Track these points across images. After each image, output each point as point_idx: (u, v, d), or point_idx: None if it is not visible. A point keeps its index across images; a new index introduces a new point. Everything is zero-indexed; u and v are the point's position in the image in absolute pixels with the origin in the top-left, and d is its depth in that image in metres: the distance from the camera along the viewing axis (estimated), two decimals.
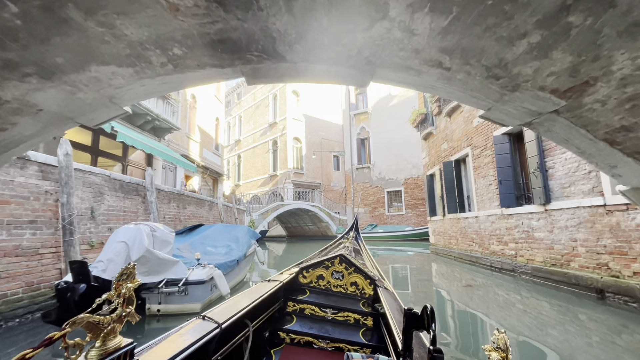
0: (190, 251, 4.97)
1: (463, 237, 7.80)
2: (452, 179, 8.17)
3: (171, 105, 11.78)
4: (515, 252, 5.66)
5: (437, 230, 9.83)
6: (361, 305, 2.31)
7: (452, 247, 8.54)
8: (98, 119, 2.42)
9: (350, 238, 4.43)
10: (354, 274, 2.49)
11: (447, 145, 8.74)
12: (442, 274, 7.32)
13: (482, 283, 5.77)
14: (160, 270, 3.58)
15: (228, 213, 12.71)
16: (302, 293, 2.42)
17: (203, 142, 16.56)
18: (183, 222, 8.26)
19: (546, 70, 1.94)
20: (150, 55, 1.89)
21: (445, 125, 8.86)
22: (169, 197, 7.60)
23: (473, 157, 7.21)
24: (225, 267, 4.38)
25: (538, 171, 4.86)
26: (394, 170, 20.21)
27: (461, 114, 7.81)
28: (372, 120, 21.40)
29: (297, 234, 24.35)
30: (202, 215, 9.70)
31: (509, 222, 5.82)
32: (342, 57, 2.10)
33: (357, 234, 4.92)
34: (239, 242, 5.66)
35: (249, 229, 6.46)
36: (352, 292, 2.47)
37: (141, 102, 9.81)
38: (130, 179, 6.08)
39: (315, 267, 2.54)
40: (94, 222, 5.01)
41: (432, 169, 9.99)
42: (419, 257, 10.78)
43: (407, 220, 19.26)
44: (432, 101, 8.83)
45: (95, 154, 9.45)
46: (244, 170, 29.52)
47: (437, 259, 9.33)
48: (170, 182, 13.60)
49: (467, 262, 7.54)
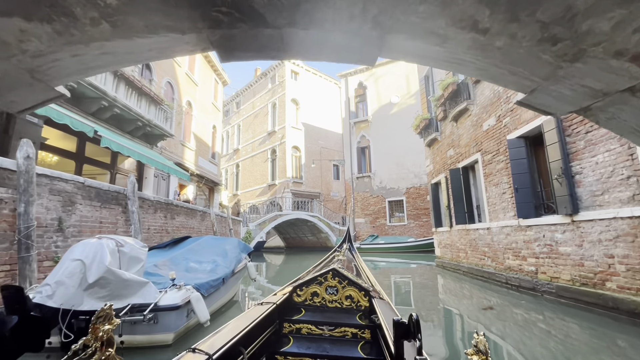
0: (170, 268, 4.37)
1: (473, 250, 7.20)
2: (460, 188, 7.62)
3: (164, 111, 11.33)
4: (536, 269, 5.07)
5: (443, 242, 9.22)
6: (358, 319, 2.27)
7: (460, 261, 7.92)
8: (21, 102, 1.86)
9: (344, 250, 4.43)
10: (348, 287, 2.44)
11: (454, 151, 8.23)
12: (449, 290, 6.69)
13: (497, 302, 5.16)
14: (125, 294, 2.99)
15: (222, 224, 12.10)
16: (297, 312, 2.36)
17: (199, 150, 16.08)
18: (171, 234, 7.67)
19: (635, 23, 1.35)
20: (72, 3, 1.34)
21: (451, 130, 8.37)
22: (155, 206, 7.03)
23: (483, 163, 6.68)
24: (207, 288, 3.79)
25: (563, 177, 4.32)
26: (395, 179, 19.67)
27: (469, 117, 7.31)
28: (373, 129, 21.00)
29: (295, 245, 23.65)
30: (193, 226, 9.10)
31: (528, 235, 5.24)
32: (341, 18, 1.54)
33: (351, 245, 4.95)
34: (227, 256, 5.07)
35: (239, 242, 5.87)
36: (347, 305, 2.42)
37: (130, 107, 9.35)
38: (110, 187, 5.53)
39: (308, 284, 2.48)
40: (61, 234, 4.44)
41: (437, 177, 9.45)
42: (423, 270, 10.14)
43: (410, 231, 18.62)
44: (437, 105, 8.35)
45: (81, 161, 8.93)
46: (242, 179, 29.01)
47: (443, 273, 8.70)
48: (163, 192, 13.04)
49: (479, 277, 6.92)
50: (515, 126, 5.52)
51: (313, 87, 27.93)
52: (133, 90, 9.61)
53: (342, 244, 5.05)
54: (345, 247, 4.84)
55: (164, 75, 12.93)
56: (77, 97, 8.24)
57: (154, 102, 10.60)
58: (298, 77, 26.89)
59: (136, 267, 3.32)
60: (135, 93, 9.69)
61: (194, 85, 15.80)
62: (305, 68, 27.40)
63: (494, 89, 6.22)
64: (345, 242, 5.08)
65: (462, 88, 7.20)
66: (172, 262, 4.53)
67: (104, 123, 9.29)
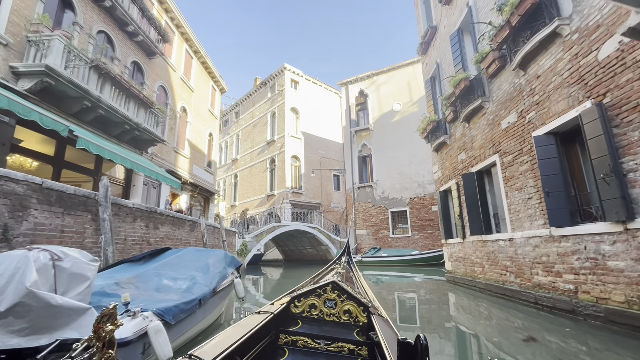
0: (136, 286, 3.59)
1: (492, 264, 6.39)
2: (474, 194, 6.87)
3: (155, 115, 10.69)
4: (576, 287, 4.27)
5: (455, 255, 8.40)
6: (355, 335, 2.22)
7: (476, 276, 7.09)
8: None
9: (343, 263, 4.35)
10: (347, 302, 2.38)
11: (466, 155, 7.52)
12: (463, 308, 5.86)
13: (522, 325, 4.34)
14: (54, 325, 2.21)
15: (216, 235, 11.29)
16: (294, 324, 2.32)
17: (193, 158, 15.41)
18: (154, 245, 6.88)
19: None
20: None
21: (462, 132, 7.68)
22: (135, 214, 6.27)
23: (502, 166, 5.95)
24: (175, 313, 3.00)
25: (611, 176, 3.58)
26: (398, 189, 18.92)
27: (483, 116, 6.63)
28: (374, 137, 20.39)
29: (294, 257, 22.71)
30: (181, 237, 8.31)
31: (563, 246, 4.46)
32: None
33: (350, 258, 4.90)
34: (208, 272, 4.28)
35: (226, 254, 5.08)
36: (345, 320, 2.36)
37: (117, 109, 8.71)
38: (76, 190, 4.79)
39: (307, 295, 2.43)
40: (6, 245, 3.67)
41: (447, 184, 8.71)
42: (432, 286, 9.26)
43: (414, 243, 17.73)
44: (447, 105, 7.69)
45: (59, 166, 8.21)
46: (240, 190, 28.28)
47: (455, 289, 7.85)
48: (153, 200, 12.28)
49: (499, 295, 6.09)
50: (542, 121, 4.83)
51: (313, 96, 27.54)
52: (120, 92, 8.99)
53: (341, 256, 4.96)
54: (344, 259, 4.75)
55: (157, 79, 12.39)
56: (57, 96, 7.60)
57: (143, 104, 9.98)
58: (298, 86, 26.53)
59: (79, 288, 2.55)
60: (122, 94, 9.07)
61: (189, 91, 15.27)
62: (305, 77, 27.08)
63: (514, 82, 5.55)
64: (344, 255, 4.99)
65: (476, 84, 6.55)
66: (140, 279, 3.74)
67: (87, 125, 8.63)
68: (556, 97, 4.53)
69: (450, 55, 8.03)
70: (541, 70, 4.85)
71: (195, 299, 3.46)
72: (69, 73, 7.28)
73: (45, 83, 6.96)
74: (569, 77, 4.30)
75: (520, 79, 5.36)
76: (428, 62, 10.20)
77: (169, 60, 13.41)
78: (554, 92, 4.58)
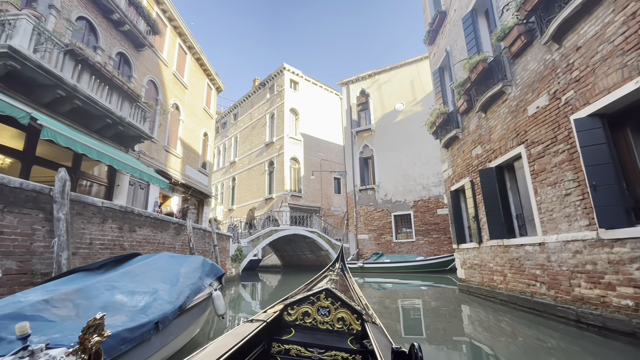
0: (76, 304, 2.75)
1: (516, 273, 5.53)
2: (494, 193, 6.03)
3: (142, 110, 9.91)
4: (636, 304, 3.41)
5: (469, 262, 7.53)
6: (349, 343, 2.15)
7: (496, 286, 6.22)
8: None
9: (336, 270, 4.31)
10: (340, 309, 2.32)
11: (482, 149, 6.69)
12: (478, 320, 4.99)
13: (558, 346, 3.48)
14: None
15: (206, 239, 10.43)
16: (287, 332, 2.27)
17: (186, 158, 14.62)
18: (129, 250, 6.05)
19: None
20: None
21: (477, 123, 6.86)
22: (105, 214, 5.45)
23: (530, 158, 5.12)
24: (112, 347, 2.15)
25: None
26: (402, 191, 18.07)
27: (504, 103, 5.82)
28: (376, 138, 19.60)
29: (293, 263, 21.79)
30: (164, 241, 7.47)
31: (617, 252, 3.62)
32: None
33: (343, 264, 4.86)
34: (177, 284, 3.44)
35: (204, 262, 4.24)
36: (339, 328, 2.29)
37: (96, 100, 7.93)
38: (22, 183, 3.97)
39: (300, 303, 2.38)
40: None
41: (459, 183, 7.87)
42: (441, 295, 8.38)
43: (419, 249, 16.83)
44: (460, 93, 6.87)
45: (29, 162, 7.40)
46: (238, 193, 27.45)
47: (470, 300, 6.97)
48: (141, 202, 11.45)
49: (526, 309, 5.22)
50: (585, 101, 4.01)
51: (313, 98, 26.85)
52: (101, 82, 8.22)
53: (335, 263, 4.92)
54: (338, 266, 4.70)
55: (146, 73, 11.64)
56: (26, 84, 6.82)
57: (128, 97, 9.20)
58: (297, 86, 25.86)
59: None
60: (104, 85, 8.30)
61: (182, 88, 14.53)
62: (305, 78, 26.42)
63: (544, 58, 4.75)
64: (337, 262, 4.93)
65: (495, 66, 5.75)
66: (83, 294, 2.89)
67: (63, 117, 7.85)
68: (604, 69, 3.73)
69: (463, 40, 7.26)
70: (582, 40, 4.05)
71: (150, 322, 2.61)
72: (38, 57, 6.51)
73: (9, 67, 6.19)
74: (623, 43, 3.49)
75: (554, 54, 4.55)
76: (436, 52, 9.43)
77: (160, 54, 12.69)
78: (601, 65, 3.78)
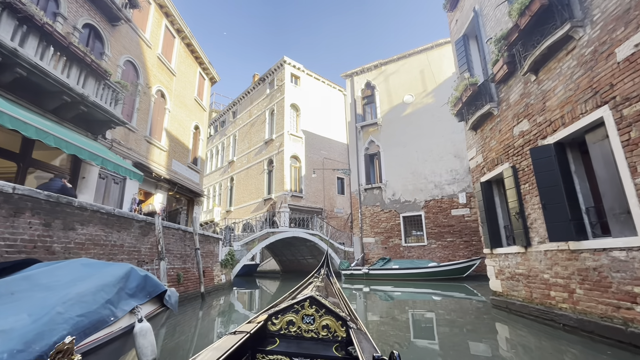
0: None
1: (593, 289, 3.92)
2: (555, 178, 4.44)
3: (113, 91, 8.47)
4: None
5: (508, 270, 5.91)
6: (334, 350, 2.13)
7: (554, 305, 4.60)
8: None
9: (321, 276, 4.39)
10: (325, 316, 2.28)
11: (531, 123, 5.12)
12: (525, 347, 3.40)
13: None
14: None
15: (187, 242, 8.90)
16: (271, 342, 2.22)
17: (173, 152, 13.16)
18: (60, 255, 4.53)
19: None
20: None
21: (524, 91, 5.29)
22: (18, 204, 3.94)
23: (620, 122, 3.54)
24: None
25: None
26: (411, 191, 16.44)
27: (571, 53, 4.23)
28: (383, 133, 18.03)
29: (293, 268, 20.18)
30: (123, 243, 5.94)
31: None
32: None
33: (328, 270, 4.94)
34: (64, 312, 1.89)
35: (131, 272, 2.70)
36: (324, 335, 2.24)
37: (47, 71, 6.49)
38: None
39: (284, 312, 2.33)
40: None
41: (493, 171, 6.28)
42: (466, 309, 6.74)
43: (431, 254, 15.16)
44: (501, 50, 5.29)
45: None
46: (237, 194, 25.97)
47: (509, 320, 5.34)
48: (115, 198, 9.95)
49: (615, 342, 3.60)
50: None
51: (315, 93, 25.42)
52: (56, 50, 6.79)
53: (320, 269, 4.92)
54: (323, 272, 4.71)
55: (123, 52, 10.22)
56: None
57: (93, 73, 7.76)
58: (299, 81, 24.46)
59: None
60: (59, 54, 6.87)
61: (169, 74, 13.13)
62: (307, 72, 25.02)
63: None
64: (322, 267, 4.95)
65: (558, 3, 4.18)
66: None
67: (5, 91, 6.42)
68: None
69: None
70: None
71: None
72: None
73: None
74: None
75: None
76: (459, 17, 7.90)
77: (142, 33, 11.29)
78: None
